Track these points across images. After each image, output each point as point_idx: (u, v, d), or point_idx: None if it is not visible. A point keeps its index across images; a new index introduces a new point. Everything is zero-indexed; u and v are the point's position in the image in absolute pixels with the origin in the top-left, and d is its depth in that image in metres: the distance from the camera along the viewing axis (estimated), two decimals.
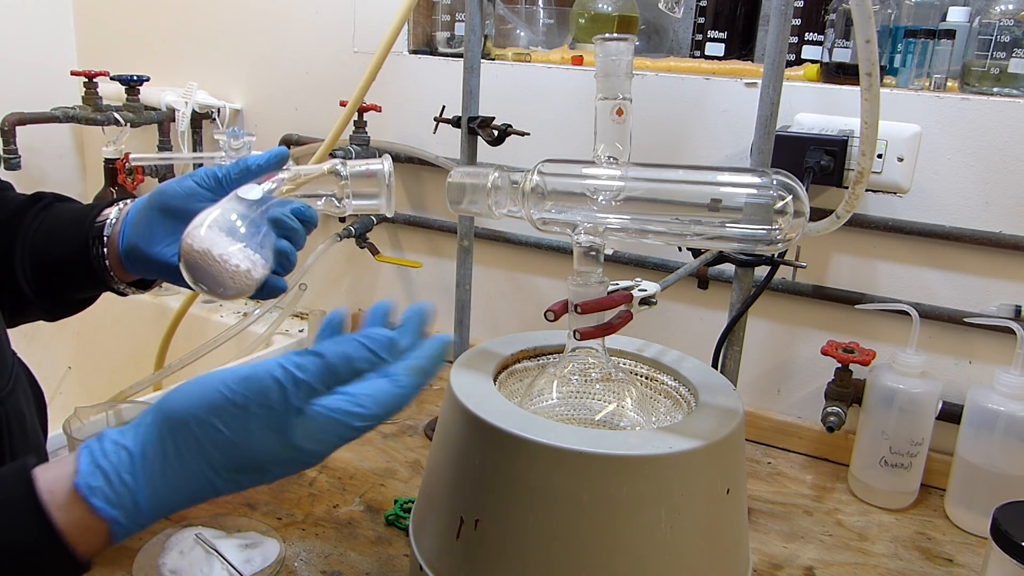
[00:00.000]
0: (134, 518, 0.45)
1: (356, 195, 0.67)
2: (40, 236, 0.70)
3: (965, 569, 0.87)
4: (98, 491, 0.44)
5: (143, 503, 0.45)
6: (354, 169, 0.67)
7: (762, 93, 0.84)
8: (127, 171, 1.52)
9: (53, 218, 0.71)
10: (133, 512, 0.45)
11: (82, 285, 0.71)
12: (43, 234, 0.70)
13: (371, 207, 0.68)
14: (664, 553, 0.57)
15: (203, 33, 1.52)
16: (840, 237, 1.04)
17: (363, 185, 0.67)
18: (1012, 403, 0.90)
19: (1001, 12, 0.93)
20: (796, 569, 0.86)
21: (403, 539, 0.86)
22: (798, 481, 1.04)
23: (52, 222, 0.71)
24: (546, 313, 0.65)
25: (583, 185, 0.63)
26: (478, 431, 0.60)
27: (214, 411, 0.46)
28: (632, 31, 1.24)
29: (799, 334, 1.11)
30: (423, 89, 1.30)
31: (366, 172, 0.67)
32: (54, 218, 0.71)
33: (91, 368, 1.69)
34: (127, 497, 0.45)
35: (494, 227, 1.28)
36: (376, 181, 0.67)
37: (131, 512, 0.45)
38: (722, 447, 0.59)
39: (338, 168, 0.67)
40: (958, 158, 0.97)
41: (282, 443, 0.48)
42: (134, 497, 0.45)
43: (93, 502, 0.44)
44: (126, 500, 0.45)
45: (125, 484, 0.45)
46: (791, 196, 0.55)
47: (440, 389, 1.25)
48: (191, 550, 0.78)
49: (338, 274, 1.47)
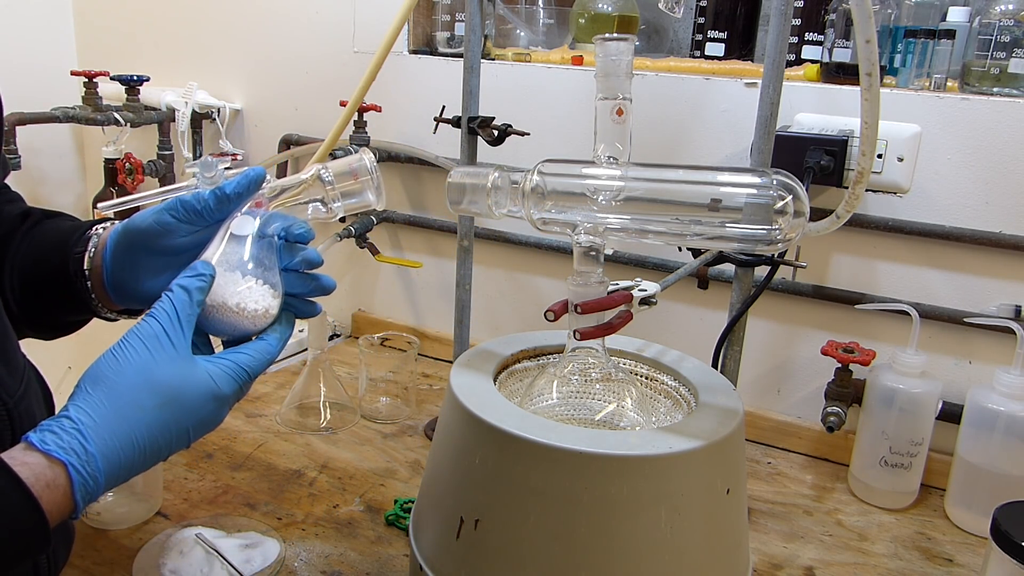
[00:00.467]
0: (88, 464, 0.49)
1: (345, 195, 0.66)
2: (27, 261, 0.69)
3: (965, 569, 0.87)
4: (50, 441, 0.49)
5: (92, 448, 0.50)
6: (337, 170, 0.66)
7: (762, 93, 0.84)
8: (127, 171, 1.52)
9: (38, 241, 0.70)
10: (85, 457, 0.49)
11: (70, 310, 0.70)
12: (29, 257, 0.69)
13: (362, 204, 0.67)
14: (664, 553, 0.57)
15: (203, 33, 1.52)
16: (840, 237, 1.04)
17: (350, 184, 0.66)
18: (1012, 403, 0.90)
19: (1001, 12, 0.93)
20: (796, 569, 0.86)
21: (403, 539, 0.86)
22: (798, 481, 1.04)
23: (37, 246, 0.69)
24: (546, 313, 0.65)
25: (583, 185, 0.63)
26: (478, 431, 0.60)
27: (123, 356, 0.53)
28: (632, 31, 1.24)
29: (799, 334, 1.11)
30: (423, 89, 1.30)
31: (349, 171, 0.66)
32: (39, 241, 0.70)
33: None
34: (76, 444, 0.49)
35: (494, 227, 1.28)
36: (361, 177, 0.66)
37: (83, 457, 0.49)
38: (722, 447, 0.59)
39: (321, 174, 0.66)
40: (958, 158, 0.97)
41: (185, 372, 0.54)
42: (83, 444, 0.50)
43: (48, 449, 0.49)
44: (76, 446, 0.49)
45: (70, 433, 0.50)
46: (791, 196, 0.55)
47: (440, 389, 1.25)
48: (191, 550, 0.78)
49: (338, 274, 1.47)
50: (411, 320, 1.42)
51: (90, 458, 0.50)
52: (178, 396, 0.53)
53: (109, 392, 0.52)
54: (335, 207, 0.67)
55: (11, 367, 0.60)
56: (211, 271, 0.58)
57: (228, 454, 1.02)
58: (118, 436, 0.51)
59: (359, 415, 1.14)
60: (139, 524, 0.86)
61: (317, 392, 1.13)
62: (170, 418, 0.53)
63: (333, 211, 0.67)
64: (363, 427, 1.11)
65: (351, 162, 0.66)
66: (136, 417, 0.52)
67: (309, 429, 1.09)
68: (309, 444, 1.05)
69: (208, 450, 1.02)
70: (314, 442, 1.06)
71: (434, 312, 1.40)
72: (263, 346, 0.59)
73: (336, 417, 1.12)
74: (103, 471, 0.50)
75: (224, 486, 0.94)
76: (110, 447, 0.50)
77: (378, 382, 1.16)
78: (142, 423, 0.52)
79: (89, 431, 0.50)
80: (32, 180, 1.64)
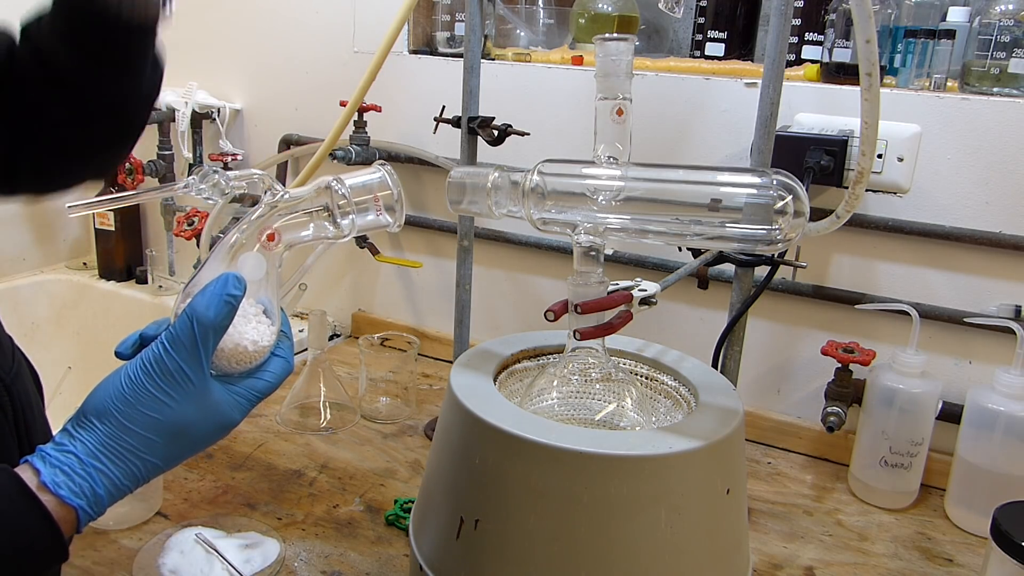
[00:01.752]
0: (95, 506, 0.50)
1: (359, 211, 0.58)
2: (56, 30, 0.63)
3: (965, 569, 0.87)
4: (63, 485, 0.49)
5: (101, 492, 0.50)
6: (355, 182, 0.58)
7: (762, 93, 0.84)
8: (127, 171, 1.52)
9: None
10: (94, 501, 0.50)
11: None
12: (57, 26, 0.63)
13: (377, 224, 0.60)
14: (664, 553, 0.57)
15: (203, 33, 1.52)
16: (840, 237, 1.04)
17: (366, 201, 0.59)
18: (1012, 403, 0.90)
19: (1001, 12, 0.93)
20: (796, 569, 0.86)
21: (403, 539, 0.86)
22: (798, 481, 1.04)
23: None
24: (546, 313, 0.65)
25: (583, 185, 0.63)
26: (478, 431, 0.60)
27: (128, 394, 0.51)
28: (632, 31, 1.24)
29: (799, 334, 1.11)
30: (423, 89, 1.30)
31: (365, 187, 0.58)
32: None
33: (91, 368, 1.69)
34: (87, 488, 0.50)
35: (494, 227, 1.28)
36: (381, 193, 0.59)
37: (92, 501, 0.50)
38: (722, 447, 0.59)
39: (333, 186, 0.58)
40: (958, 158, 0.97)
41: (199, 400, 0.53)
42: (94, 490, 0.50)
43: (61, 494, 0.49)
44: (87, 491, 0.49)
45: (82, 477, 0.50)
46: (791, 196, 0.55)
47: (440, 389, 1.25)
48: (191, 550, 0.78)
49: (338, 274, 1.47)
50: (411, 320, 1.42)
51: (98, 500, 0.50)
52: (190, 432, 0.52)
53: (118, 430, 0.51)
54: (344, 224, 0.59)
55: (3, 347, 0.61)
56: (241, 289, 0.53)
57: (228, 454, 1.02)
58: (125, 475, 0.51)
59: (359, 415, 1.14)
60: (139, 524, 0.86)
61: (317, 392, 1.13)
62: (177, 452, 0.53)
63: (342, 230, 0.59)
64: (363, 427, 1.11)
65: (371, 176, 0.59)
66: (146, 456, 0.51)
67: (309, 429, 1.09)
68: (309, 444, 1.05)
69: (208, 450, 1.02)
70: (314, 442, 1.06)
71: (434, 312, 1.40)
72: (280, 366, 0.58)
73: (336, 417, 1.12)
74: (108, 504, 0.51)
75: (224, 486, 0.94)
76: (116, 486, 0.51)
77: (378, 382, 1.16)
78: (151, 460, 0.51)
79: (100, 476, 0.50)
80: None
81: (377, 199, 0.60)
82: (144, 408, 0.51)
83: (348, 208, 0.59)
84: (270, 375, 0.57)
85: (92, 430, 0.51)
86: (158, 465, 0.52)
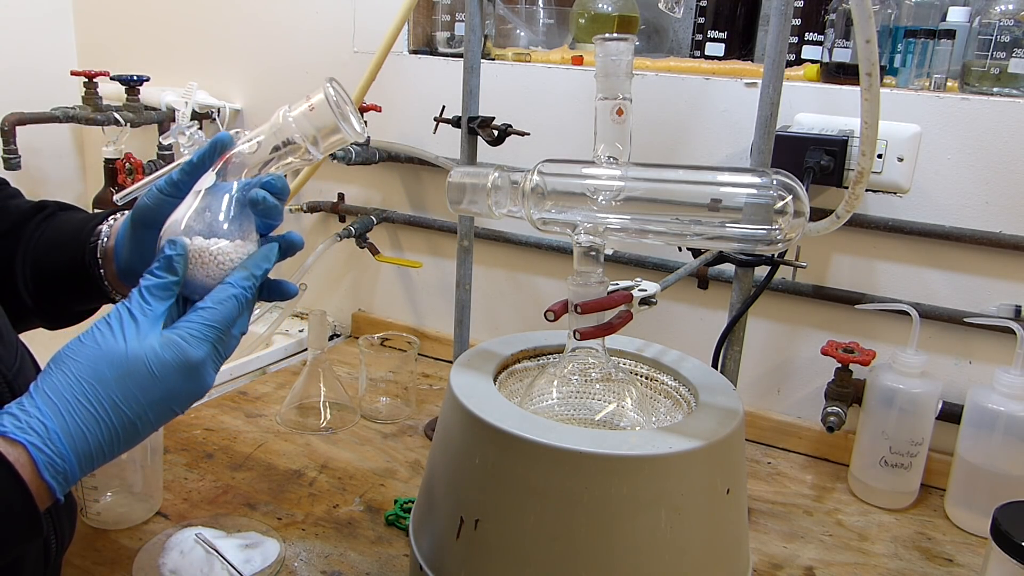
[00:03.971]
0: (49, 443, 0.48)
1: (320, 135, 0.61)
2: (41, 249, 0.70)
3: (965, 569, 0.87)
4: (7, 422, 0.48)
5: (53, 427, 0.49)
6: (297, 111, 0.61)
7: (762, 93, 0.84)
8: (127, 171, 1.52)
9: (54, 230, 0.71)
10: (45, 435, 0.48)
11: (82, 298, 0.71)
12: (43, 247, 0.70)
13: (337, 140, 0.62)
14: (664, 553, 0.57)
15: (203, 33, 1.52)
16: (840, 237, 1.04)
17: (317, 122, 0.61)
18: (1012, 403, 0.90)
19: (1001, 12, 0.93)
20: (796, 569, 0.86)
21: (403, 539, 0.86)
22: (798, 481, 1.04)
23: (52, 235, 0.71)
24: (546, 313, 0.65)
25: (583, 185, 0.63)
26: (478, 431, 0.60)
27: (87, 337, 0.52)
28: (632, 31, 1.24)
29: (799, 334, 1.11)
30: (423, 89, 1.30)
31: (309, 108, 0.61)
32: (54, 230, 0.71)
33: None
34: (36, 423, 0.48)
35: (494, 227, 1.28)
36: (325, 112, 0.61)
37: (43, 435, 0.48)
38: (722, 447, 0.59)
39: (286, 118, 0.61)
40: (958, 158, 0.97)
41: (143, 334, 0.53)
42: (43, 422, 0.48)
43: (5, 431, 0.48)
44: (35, 425, 0.48)
45: (28, 413, 0.49)
46: (791, 196, 0.55)
47: (440, 389, 1.25)
48: (191, 550, 0.78)
49: (338, 274, 1.47)
50: (411, 320, 1.42)
51: (51, 435, 0.48)
52: (140, 367, 0.51)
53: (69, 369, 0.51)
54: (312, 151, 0.62)
55: (6, 342, 0.61)
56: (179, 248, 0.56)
57: (228, 454, 1.02)
58: (80, 412, 0.50)
59: (359, 415, 1.14)
60: (139, 524, 0.86)
61: (317, 392, 1.13)
62: (136, 390, 0.51)
63: (312, 156, 0.63)
64: (363, 427, 1.11)
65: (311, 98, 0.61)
66: (97, 392, 0.50)
67: (309, 429, 1.09)
68: (309, 444, 1.05)
69: (208, 450, 1.02)
70: (314, 442, 1.06)
71: (434, 312, 1.40)
72: (222, 290, 0.56)
73: (336, 417, 1.12)
74: (69, 448, 0.49)
75: (224, 486, 0.94)
76: (72, 424, 0.49)
77: (378, 382, 1.16)
78: (105, 398, 0.50)
79: (47, 408, 0.49)
80: (32, 180, 1.64)
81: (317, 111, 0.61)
82: (91, 345, 0.51)
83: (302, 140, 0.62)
84: (212, 300, 0.55)
85: (46, 374, 0.51)
86: (119, 406, 0.51)
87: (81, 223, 0.71)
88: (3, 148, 1.39)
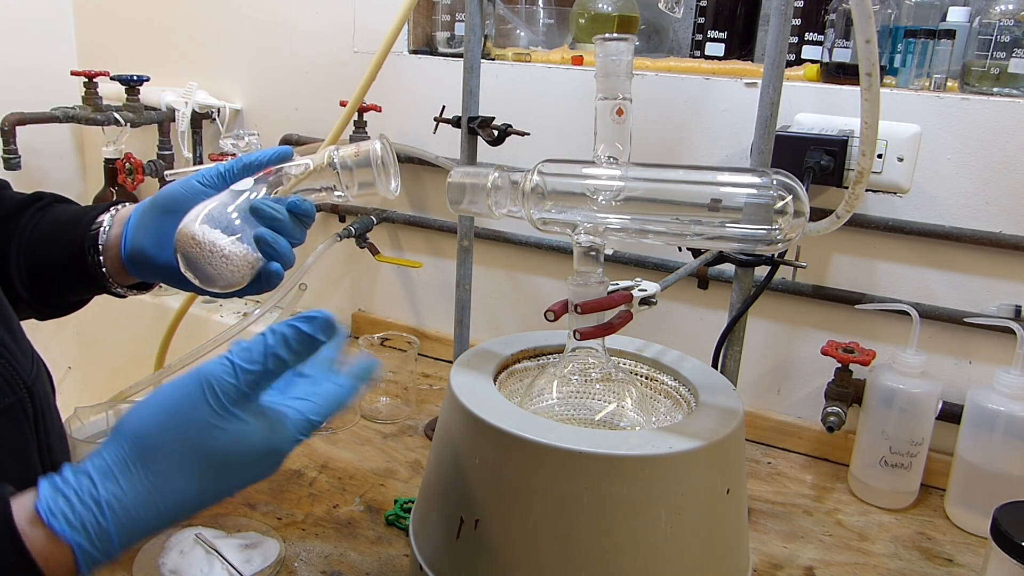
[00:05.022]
0: (100, 543, 0.43)
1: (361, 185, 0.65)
2: (36, 237, 0.70)
3: (965, 569, 0.87)
4: (58, 513, 0.43)
5: (109, 526, 0.43)
6: (344, 157, 0.65)
7: (762, 93, 0.84)
8: (127, 171, 1.52)
9: (50, 220, 0.71)
10: (98, 535, 0.43)
11: (77, 288, 0.71)
12: (39, 236, 0.70)
13: (371, 192, 0.66)
14: (664, 553, 0.57)
15: (203, 33, 1.52)
16: (840, 237, 1.04)
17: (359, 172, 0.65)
18: (1012, 403, 0.90)
19: (1001, 12, 0.93)
20: (796, 569, 0.86)
21: (403, 539, 0.86)
22: (798, 481, 1.04)
23: (49, 224, 0.70)
24: (546, 313, 0.65)
25: (583, 185, 0.63)
26: (478, 431, 0.60)
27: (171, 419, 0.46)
28: (632, 31, 1.24)
29: (799, 334, 1.11)
30: (423, 89, 1.30)
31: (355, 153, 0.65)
32: (51, 220, 0.71)
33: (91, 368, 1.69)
34: (90, 519, 0.43)
35: (494, 227, 1.28)
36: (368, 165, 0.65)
37: (95, 536, 0.43)
38: (722, 447, 0.59)
39: (332, 157, 0.65)
40: (958, 158, 0.97)
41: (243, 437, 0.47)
42: (98, 520, 0.43)
43: (54, 524, 0.42)
44: (88, 522, 0.43)
45: (87, 506, 0.43)
46: (791, 196, 0.55)
47: (440, 389, 1.25)
48: (191, 550, 0.78)
49: (338, 274, 1.47)
50: (411, 320, 1.42)
51: (103, 535, 0.43)
52: (229, 461, 0.46)
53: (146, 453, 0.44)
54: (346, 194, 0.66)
55: (23, 349, 0.60)
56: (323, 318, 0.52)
57: None
58: (146, 509, 0.44)
59: (359, 415, 1.14)
60: None
61: None
62: (213, 486, 0.47)
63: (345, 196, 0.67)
64: (363, 427, 1.11)
65: (359, 148, 0.65)
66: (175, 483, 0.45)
67: None
68: (309, 444, 1.05)
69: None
70: (314, 442, 1.06)
71: (434, 312, 1.40)
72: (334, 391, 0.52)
73: (336, 417, 1.12)
74: (119, 547, 0.44)
75: None
76: (131, 517, 0.44)
77: (378, 382, 1.16)
78: (178, 494, 0.45)
79: (111, 503, 0.43)
80: (32, 180, 1.64)
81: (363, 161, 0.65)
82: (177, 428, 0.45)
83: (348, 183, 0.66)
84: (321, 398, 0.51)
85: (118, 446, 0.45)
86: (189, 503, 0.46)
87: (80, 213, 0.71)
88: (3, 148, 1.39)
